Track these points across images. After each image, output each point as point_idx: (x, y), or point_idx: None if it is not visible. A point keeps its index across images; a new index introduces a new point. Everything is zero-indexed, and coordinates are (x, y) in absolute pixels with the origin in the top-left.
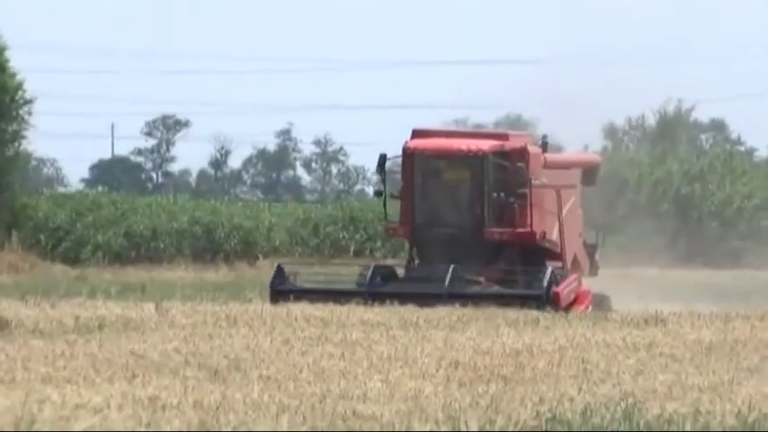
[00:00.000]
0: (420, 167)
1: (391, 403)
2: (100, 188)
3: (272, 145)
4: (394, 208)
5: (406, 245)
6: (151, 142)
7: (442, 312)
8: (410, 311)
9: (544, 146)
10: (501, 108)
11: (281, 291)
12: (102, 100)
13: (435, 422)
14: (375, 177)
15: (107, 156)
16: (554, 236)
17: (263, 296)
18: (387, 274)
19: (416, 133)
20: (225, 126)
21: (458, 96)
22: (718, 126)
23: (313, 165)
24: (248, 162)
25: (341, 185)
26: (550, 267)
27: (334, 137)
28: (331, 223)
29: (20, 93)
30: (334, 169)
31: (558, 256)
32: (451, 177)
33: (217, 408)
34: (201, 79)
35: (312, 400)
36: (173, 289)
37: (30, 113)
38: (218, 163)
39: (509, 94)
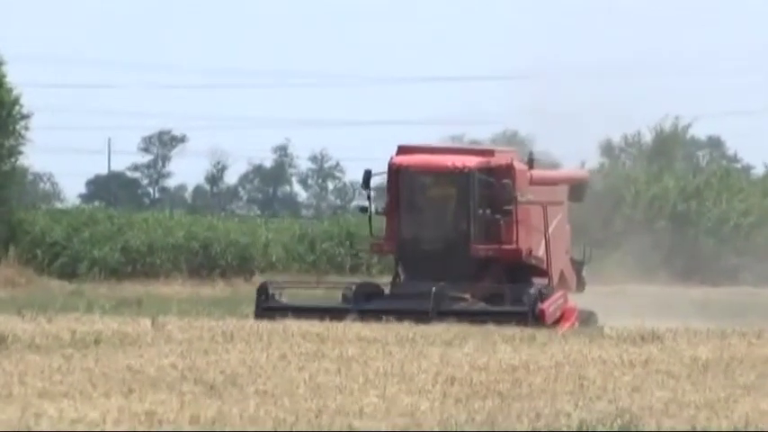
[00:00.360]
0: (405, 184)
1: (387, 419)
2: (96, 203)
3: (268, 161)
4: (380, 224)
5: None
6: (148, 158)
7: (438, 329)
8: (406, 328)
9: (530, 162)
10: (497, 124)
11: (267, 308)
12: (98, 115)
13: None
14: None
15: (104, 171)
16: (540, 252)
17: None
18: (372, 292)
19: (402, 149)
20: (221, 141)
21: (455, 112)
22: (714, 143)
23: (309, 180)
24: (245, 178)
25: (337, 201)
26: (536, 284)
27: (331, 152)
28: (327, 239)
29: (17, 107)
30: (330, 185)
31: (544, 273)
32: (437, 194)
33: (213, 423)
34: (198, 95)
35: (308, 415)
36: (169, 304)
37: (26, 128)
38: (214, 178)
39: (505, 110)
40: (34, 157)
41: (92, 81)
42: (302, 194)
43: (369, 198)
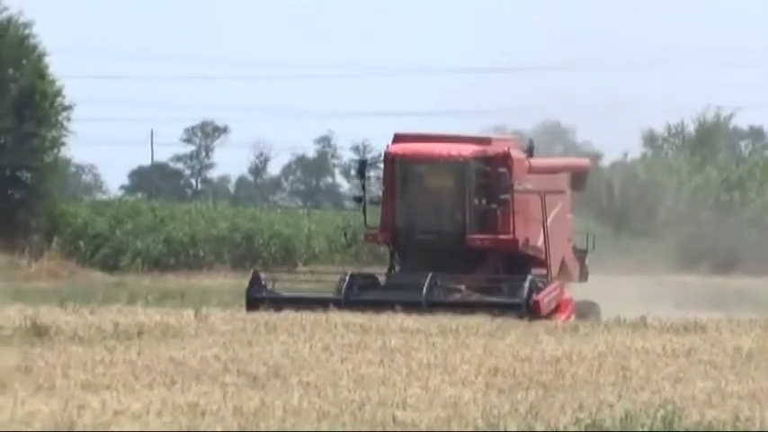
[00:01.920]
0: (400, 173)
1: (430, 410)
2: (139, 195)
3: (311, 152)
4: (375, 214)
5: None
6: (190, 149)
7: (480, 319)
8: (449, 319)
9: (530, 150)
10: (538, 114)
11: (257, 299)
12: (141, 106)
13: (474, 429)
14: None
15: (146, 162)
16: (539, 242)
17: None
18: (367, 282)
19: (398, 138)
20: (264, 132)
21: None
22: (757, 133)
23: (352, 171)
24: (287, 169)
25: (380, 192)
26: (530, 275)
27: (373, 143)
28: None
29: (59, 99)
30: (372, 175)
31: (543, 263)
32: (432, 183)
33: (256, 414)
34: (241, 85)
35: (351, 406)
36: (212, 296)
37: (69, 120)
38: (257, 170)
39: (547, 101)
40: (77, 148)
41: (134, 72)
42: (345, 185)
43: (363, 187)
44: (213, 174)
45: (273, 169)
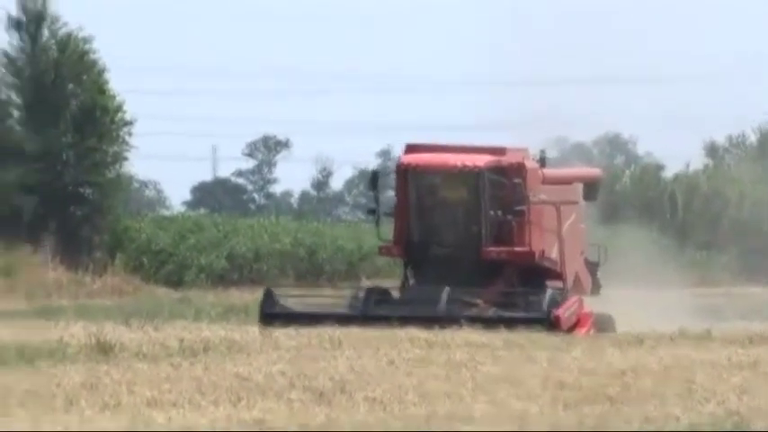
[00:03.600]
0: (414, 184)
1: (497, 424)
2: (202, 210)
3: (373, 165)
4: (388, 226)
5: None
6: (252, 163)
7: (545, 333)
8: (515, 333)
9: (542, 161)
10: (600, 126)
11: (271, 314)
12: (203, 121)
13: None
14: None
15: (209, 177)
16: (554, 254)
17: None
18: (381, 297)
19: (410, 148)
20: (326, 146)
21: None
22: None
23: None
24: (350, 183)
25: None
26: (550, 289)
27: None
28: None
29: (120, 114)
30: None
31: (558, 276)
32: (447, 194)
33: (323, 430)
34: (303, 99)
35: (418, 421)
36: None
37: (130, 135)
38: (319, 184)
39: (608, 113)
40: (139, 164)
41: (196, 87)
42: None
43: (376, 199)
44: (276, 188)
45: (336, 183)
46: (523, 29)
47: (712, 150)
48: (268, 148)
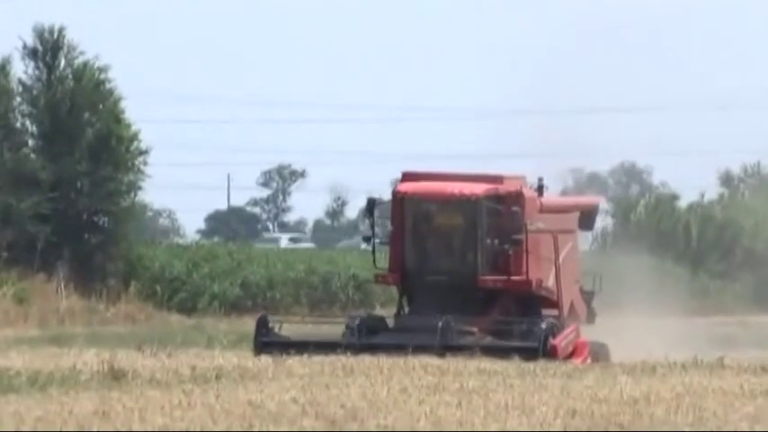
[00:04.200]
0: (410, 212)
1: None
2: (216, 239)
3: (387, 194)
4: (384, 255)
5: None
6: (267, 192)
7: (558, 362)
8: (528, 361)
9: (540, 189)
10: (615, 157)
11: (266, 343)
12: (217, 150)
13: None
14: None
15: (223, 206)
16: (550, 283)
17: None
18: (375, 325)
19: (407, 176)
20: (341, 175)
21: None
22: None
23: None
24: (364, 212)
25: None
26: (547, 318)
27: None
28: None
29: (135, 143)
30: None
31: (554, 304)
32: (443, 222)
33: None
34: (317, 129)
35: None
36: None
37: (145, 164)
38: (334, 213)
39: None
40: (154, 192)
41: (210, 117)
42: None
43: (372, 227)
44: (290, 217)
45: (351, 212)
46: (538, 58)
47: (727, 180)
48: (283, 178)
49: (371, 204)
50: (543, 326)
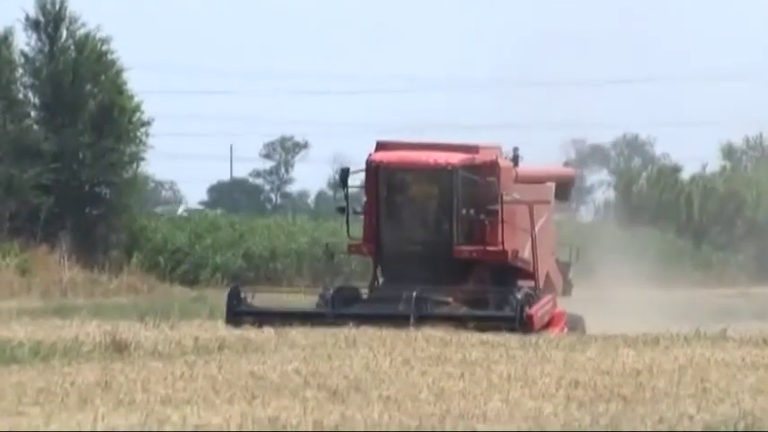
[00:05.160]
0: (385, 182)
1: (511, 423)
2: (219, 210)
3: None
4: (358, 225)
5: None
6: (269, 164)
7: (559, 334)
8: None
9: (515, 159)
10: (617, 128)
11: (238, 312)
12: (220, 121)
13: None
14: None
15: (226, 177)
16: (526, 254)
17: None
18: (349, 296)
19: (381, 145)
20: (343, 147)
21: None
22: None
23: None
24: None
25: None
26: (523, 288)
27: None
28: None
29: (137, 114)
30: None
31: (530, 275)
32: (418, 192)
33: (336, 428)
34: (320, 100)
35: (432, 420)
36: None
37: (147, 135)
38: (336, 184)
39: (625, 114)
40: (156, 164)
41: (213, 87)
42: None
43: (346, 197)
44: (293, 188)
45: (354, 183)
46: (541, 29)
47: (729, 152)
48: (286, 149)
49: (345, 174)
50: (519, 295)
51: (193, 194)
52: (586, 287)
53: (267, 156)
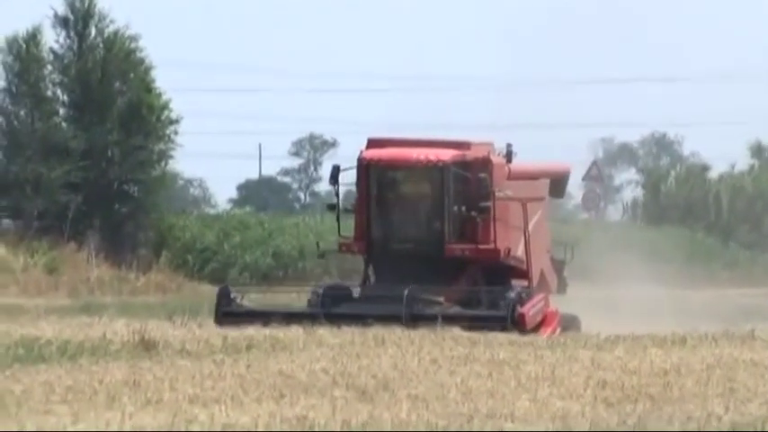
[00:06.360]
0: (376, 179)
1: (539, 423)
2: (247, 208)
3: None
4: (349, 223)
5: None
6: (298, 162)
7: (588, 333)
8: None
9: (509, 155)
10: (645, 126)
11: (228, 313)
12: (249, 120)
13: None
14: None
15: (254, 176)
16: (519, 252)
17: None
18: (340, 295)
19: (372, 142)
20: None
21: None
22: None
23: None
24: None
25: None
26: (516, 287)
27: None
28: None
29: (166, 112)
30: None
31: (524, 274)
32: (409, 190)
33: (364, 427)
34: (349, 99)
35: (460, 419)
36: None
37: (176, 133)
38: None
39: (655, 112)
40: (185, 162)
41: (242, 86)
42: None
43: (337, 195)
44: (321, 187)
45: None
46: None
47: (758, 151)
48: (314, 148)
49: (336, 171)
50: (511, 295)
51: (222, 193)
52: (615, 287)
53: (296, 153)
